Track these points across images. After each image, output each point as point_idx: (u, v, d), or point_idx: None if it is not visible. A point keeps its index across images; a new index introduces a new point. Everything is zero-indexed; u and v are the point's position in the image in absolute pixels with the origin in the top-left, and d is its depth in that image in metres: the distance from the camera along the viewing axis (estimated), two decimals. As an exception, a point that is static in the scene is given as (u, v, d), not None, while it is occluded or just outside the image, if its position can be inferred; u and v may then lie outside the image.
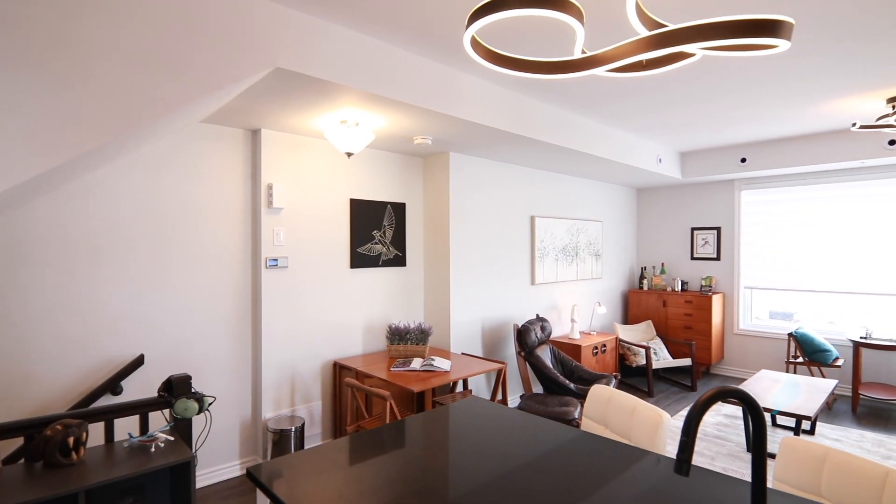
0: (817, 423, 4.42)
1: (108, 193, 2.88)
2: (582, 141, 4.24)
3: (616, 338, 5.38)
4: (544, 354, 4.44)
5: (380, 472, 1.59)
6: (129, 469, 1.92)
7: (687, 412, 1.04)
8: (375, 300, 4.17)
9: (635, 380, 5.89)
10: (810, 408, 3.49)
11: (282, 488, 1.49)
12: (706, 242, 6.34)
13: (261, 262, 3.42)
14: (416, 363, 3.59)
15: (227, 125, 3.31)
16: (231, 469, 3.38)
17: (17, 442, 2.62)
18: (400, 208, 4.35)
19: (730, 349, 6.17)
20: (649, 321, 6.19)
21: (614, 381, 4.15)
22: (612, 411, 2.16)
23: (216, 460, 3.32)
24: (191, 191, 3.19)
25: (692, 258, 6.47)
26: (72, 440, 1.94)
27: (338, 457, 1.71)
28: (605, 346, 5.18)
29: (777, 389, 3.94)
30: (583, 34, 1.32)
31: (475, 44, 1.40)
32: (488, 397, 4.58)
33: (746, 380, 4.64)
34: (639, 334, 6.05)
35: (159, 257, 3.07)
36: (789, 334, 5.21)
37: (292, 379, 3.60)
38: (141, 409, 2.23)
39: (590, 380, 4.43)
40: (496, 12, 1.20)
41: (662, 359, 5.58)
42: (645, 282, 6.57)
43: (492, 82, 3.36)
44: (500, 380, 3.72)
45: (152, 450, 2.09)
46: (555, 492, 1.47)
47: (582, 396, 4.02)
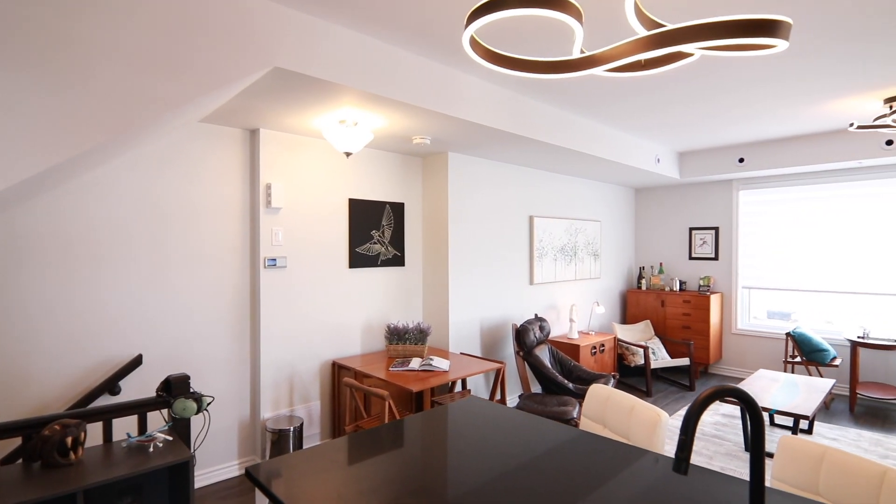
0: (815, 422, 4.44)
1: (107, 193, 2.88)
2: (580, 141, 4.24)
3: (614, 337, 5.39)
4: (543, 354, 4.45)
5: (378, 471, 1.59)
6: (128, 469, 1.92)
7: (686, 411, 1.04)
8: (374, 300, 4.17)
9: (634, 379, 5.89)
10: (808, 407, 3.50)
11: (280, 488, 1.49)
12: (704, 242, 6.35)
13: (259, 261, 3.42)
14: (415, 363, 3.59)
15: (225, 125, 3.30)
16: (229, 469, 3.38)
17: (15, 442, 2.61)
18: (398, 208, 4.35)
19: (728, 349, 6.18)
20: (647, 321, 6.20)
21: (613, 380, 4.15)
22: (610, 411, 2.16)
23: (215, 460, 3.32)
24: (189, 190, 3.19)
25: (690, 258, 6.48)
26: (70, 440, 1.93)
27: (336, 456, 1.71)
28: (603, 345, 5.19)
29: (775, 389, 3.95)
30: (581, 34, 1.32)
31: (474, 43, 1.40)
32: (487, 397, 4.58)
33: (744, 379, 4.65)
34: (637, 334, 6.06)
35: (158, 257, 3.07)
36: (787, 334, 5.22)
37: (291, 379, 3.60)
38: (139, 408, 2.23)
39: (588, 379, 4.43)
40: (495, 12, 1.20)
41: (661, 358, 5.58)
42: (643, 282, 6.58)
43: (491, 82, 3.36)
44: (498, 379, 3.72)
45: (151, 450, 2.09)
46: (553, 491, 1.47)
47: (580, 396, 4.02)
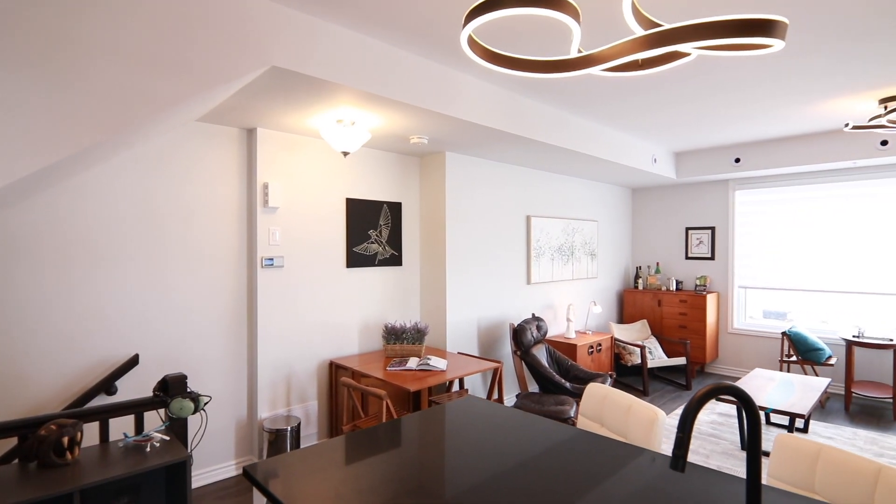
0: (811, 421, 4.46)
1: (103, 192, 2.86)
2: (577, 141, 4.25)
3: (611, 337, 5.40)
4: (540, 354, 4.45)
5: (376, 471, 1.59)
6: (125, 469, 1.91)
7: (683, 408, 1.04)
8: (371, 300, 4.17)
9: (630, 379, 5.91)
10: (804, 406, 3.52)
11: (278, 487, 1.48)
12: (701, 242, 6.37)
13: (256, 261, 3.41)
14: (413, 362, 3.59)
15: (222, 124, 3.30)
16: (227, 469, 3.37)
17: (11, 442, 2.60)
18: (396, 208, 4.34)
19: (724, 348, 6.20)
20: (644, 320, 6.22)
21: (610, 379, 4.16)
22: (607, 409, 2.17)
23: (212, 460, 3.31)
24: (186, 189, 3.18)
25: (687, 258, 6.50)
26: (66, 440, 1.93)
27: (334, 456, 1.71)
28: (600, 345, 5.20)
29: (771, 388, 3.96)
30: (579, 33, 1.33)
31: (472, 43, 1.41)
32: (484, 396, 4.59)
33: (740, 378, 4.67)
34: (634, 333, 6.07)
35: (154, 256, 3.06)
36: (783, 333, 5.24)
37: (288, 378, 3.59)
38: (136, 408, 2.22)
39: (585, 379, 4.44)
40: (493, 11, 1.20)
41: (657, 358, 5.60)
42: (640, 281, 6.60)
43: (488, 82, 3.37)
44: (496, 379, 3.73)
45: (148, 449, 2.08)
46: (551, 490, 1.47)
47: (577, 395, 4.03)
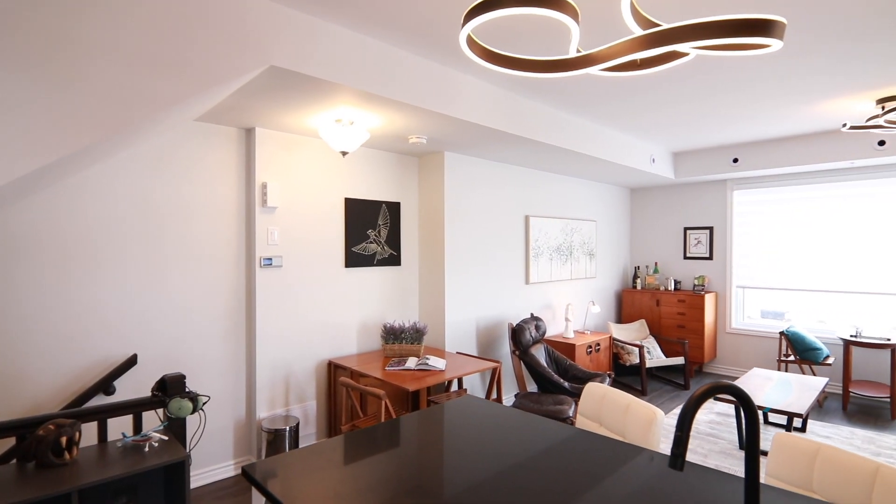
0: (808, 420, 4.47)
1: (102, 192, 2.86)
2: (576, 141, 4.26)
3: (610, 337, 5.41)
4: (539, 353, 4.46)
5: (375, 470, 1.59)
6: (123, 469, 1.91)
7: (682, 407, 1.04)
8: (370, 299, 4.17)
9: (629, 378, 5.92)
10: (801, 405, 3.52)
11: (277, 487, 1.48)
12: (699, 242, 6.38)
13: (255, 261, 3.41)
14: (411, 362, 3.59)
15: (221, 123, 3.29)
16: (225, 469, 3.37)
17: (9, 442, 2.59)
18: (395, 207, 4.34)
19: (722, 348, 6.21)
20: (643, 320, 6.22)
21: (608, 379, 4.17)
22: (606, 409, 2.17)
23: (210, 460, 3.31)
24: (185, 189, 3.18)
25: (685, 258, 6.51)
26: (64, 440, 1.92)
27: (333, 455, 1.71)
28: (598, 344, 5.20)
29: (769, 387, 3.97)
30: (578, 33, 1.33)
31: (471, 42, 1.41)
32: (483, 396, 4.59)
33: (738, 378, 4.68)
34: (632, 333, 6.08)
35: (153, 256, 3.05)
36: (781, 333, 5.26)
37: (287, 378, 3.59)
38: (135, 408, 2.22)
39: (584, 378, 4.45)
40: (492, 11, 1.21)
41: (656, 357, 5.61)
42: (638, 281, 6.61)
43: (487, 82, 3.37)
44: (494, 379, 3.73)
45: (146, 449, 2.08)
46: (550, 489, 1.48)
47: (576, 395, 4.03)
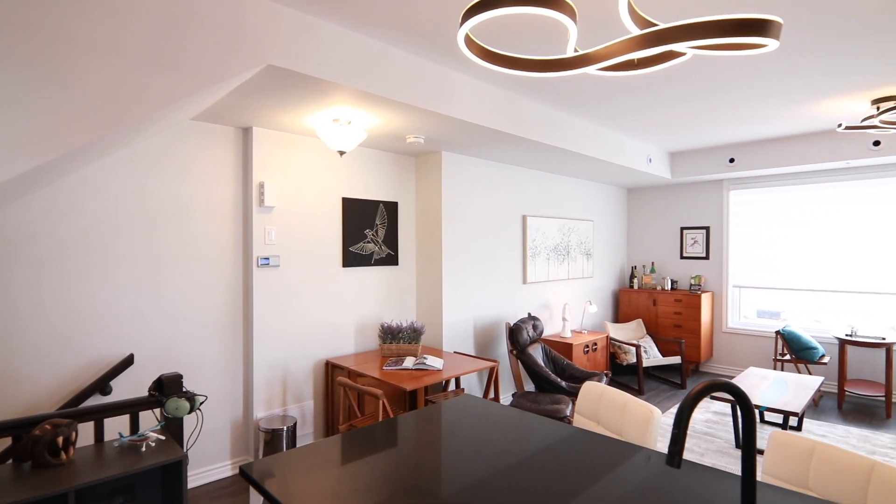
0: (804, 419, 4.49)
1: (99, 191, 2.85)
2: (573, 140, 4.26)
3: (607, 336, 5.42)
4: (536, 353, 4.46)
5: (373, 469, 1.60)
6: (120, 469, 1.91)
7: (679, 405, 1.05)
8: (368, 299, 4.17)
9: (626, 378, 5.93)
10: (797, 404, 3.54)
11: (275, 486, 1.48)
12: (695, 242, 6.41)
13: (252, 260, 3.40)
14: (409, 362, 3.59)
15: (218, 123, 3.29)
16: (222, 469, 3.36)
17: (6, 442, 2.58)
18: (392, 207, 4.34)
19: (718, 347, 6.24)
20: (640, 320, 6.24)
21: (605, 378, 4.18)
22: (603, 407, 2.18)
23: (207, 460, 3.30)
24: (182, 189, 3.17)
25: (681, 257, 6.53)
26: (61, 440, 1.92)
27: (331, 455, 1.71)
28: (596, 344, 5.21)
29: (765, 386, 3.99)
30: (575, 32, 1.33)
31: (469, 41, 1.41)
32: (481, 395, 4.59)
33: (735, 377, 4.69)
34: (629, 333, 6.09)
35: (150, 256, 3.04)
36: (777, 332, 5.28)
37: (284, 378, 3.59)
38: (131, 408, 2.21)
39: (581, 378, 4.46)
40: (490, 10, 1.21)
41: (652, 357, 5.62)
42: (635, 281, 6.62)
43: (484, 81, 3.37)
44: (492, 378, 3.73)
45: (143, 449, 2.07)
46: (548, 488, 1.48)
47: (573, 394, 4.04)
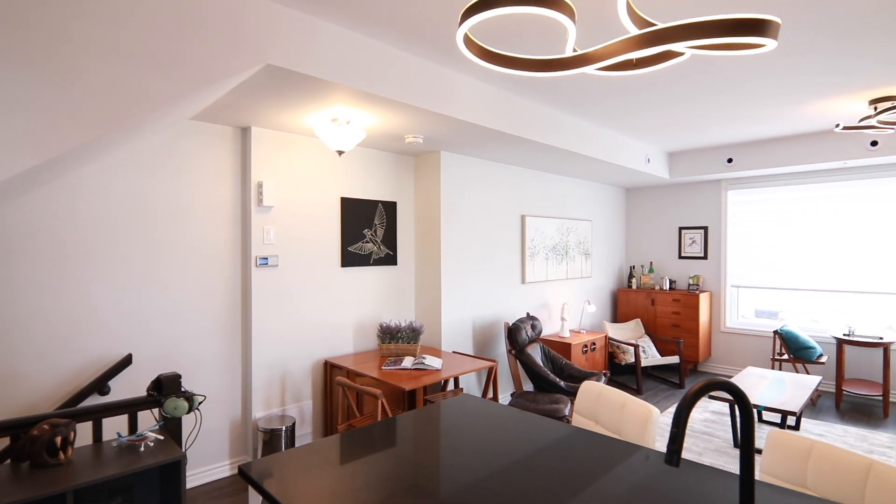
0: (802, 418, 4.50)
1: (97, 191, 2.84)
2: (572, 140, 4.27)
3: (605, 336, 5.43)
4: (535, 353, 4.47)
5: (372, 469, 1.60)
6: (118, 469, 1.90)
7: (678, 403, 1.06)
8: (366, 299, 4.16)
9: (624, 377, 5.94)
10: (795, 403, 3.55)
11: (274, 485, 1.48)
12: (693, 241, 6.42)
13: (251, 260, 3.40)
14: (408, 362, 3.59)
15: (217, 122, 3.28)
16: (221, 469, 3.36)
17: (3, 442, 2.58)
18: (391, 207, 4.34)
19: (717, 347, 6.25)
20: (638, 319, 6.25)
21: (604, 378, 4.18)
22: (602, 407, 2.18)
23: (206, 460, 3.30)
24: (180, 188, 3.17)
25: (680, 257, 6.54)
26: (59, 440, 1.91)
27: (330, 454, 1.71)
28: (594, 344, 5.22)
29: (763, 386, 4.00)
30: (574, 32, 1.34)
31: (468, 41, 1.41)
32: (479, 395, 4.59)
33: (733, 377, 4.71)
34: (628, 332, 6.10)
35: (148, 255, 3.04)
36: (775, 332, 5.29)
37: (283, 378, 3.58)
38: (130, 408, 2.21)
39: (580, 377, 4.46)
40: (489, 9, 1.21)
41: (651, 356, 5.63)
42: (633, 280, 6.63)
43: (483, 81, 3.37)
44: (491, 378, 3.74)
45: (141, 449, 2.07)
46: (547, 487, 1.48)
47: (572, 394, 4.04)
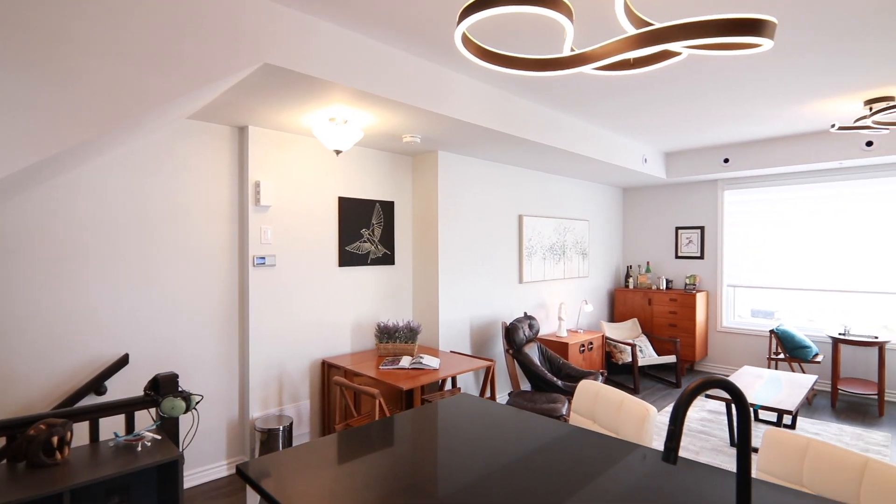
0: (798, 417, 4.52)
1: (94, 190, 2.83)
2: (569, 140, 4.28)
3: (602, 335, 5.44)
4: (532, 352, 4.47)
5: (370, 468, 1.60)
6: (115, 468, 1.90)
7: (675, 401, 1.06)
8: (364, 299, 4.16)
9: (621, 377, 5.95)
10: (791, 402, 3.57)
11: (271, 485, 1.48)
12: (690, 241, 6.44)
13: (248, 260, 3.39)
14: (405, 361, 3.59)
15: (214, 122, 3.28)
16: (218, 469, 3.35)
17: (0, 442, 2.57)
18: (388, 206, 4.34)
19: (713, 346, 6.27)
20: (635, 319, 6.27)
21: (601, 377, 4.19)
22: (599, 406, 2.19)
23: (203, 460, 3.29)
24: (177, 188, 3.16)
25: (676, 257, 6.56)
26: (56, 440, 1.91)
27: (328, 454, 1.71)
28: (591, 343, 5.23)
29: (759, 385, 4.01)
30: (572, 32, 1.34)
31: (466, 40, 1.41)
32: (477, 395, 4.60)
33: (729, 376, 4.73)
34: (625, 332, 6.12)
35: (145, 255, 3.03)
36: (771, 331, 5.31)
37: (280, 378, 3.58)
38: (127, 407, 2.20)
39: (577, 377, 4.47)
40: (487, 9, 1.21)
41: (648, 356, 5.65)
42: (631, 280, 6.65)
43: (481, 81, 3.38)
44: (488, 377, 3.74)
45: (139, 449, 2.07)
46: (545, 486, 1.48)
47: (569, 393, 4.05)
